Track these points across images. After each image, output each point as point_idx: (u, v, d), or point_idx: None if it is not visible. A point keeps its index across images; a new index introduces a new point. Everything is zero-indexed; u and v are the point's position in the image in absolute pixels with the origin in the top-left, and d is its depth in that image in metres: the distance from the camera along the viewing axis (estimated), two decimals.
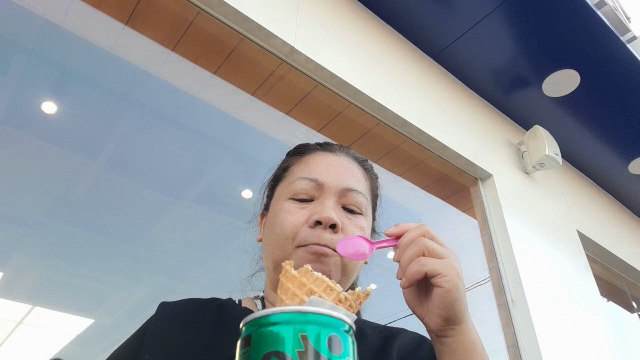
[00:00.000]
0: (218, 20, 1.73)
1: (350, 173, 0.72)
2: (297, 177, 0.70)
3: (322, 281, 0.46)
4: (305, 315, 0.32)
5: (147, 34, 1.77)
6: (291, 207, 0.67)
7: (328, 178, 0.69)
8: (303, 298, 0.45)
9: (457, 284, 0.53)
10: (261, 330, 0.32)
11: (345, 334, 0.32)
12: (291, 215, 0.66)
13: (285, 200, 0.69)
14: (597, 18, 2.33)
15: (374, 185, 0.79)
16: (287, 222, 0.66)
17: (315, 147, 0.77)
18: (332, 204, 0.67)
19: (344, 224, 0.66)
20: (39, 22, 1.68)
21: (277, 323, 0.32)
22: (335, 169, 0.71)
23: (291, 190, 0.69)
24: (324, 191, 0.68)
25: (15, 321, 1.83)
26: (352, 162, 0.75)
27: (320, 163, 0.72)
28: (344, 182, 0.69)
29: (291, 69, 1.91)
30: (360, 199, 0.70)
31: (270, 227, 0.69)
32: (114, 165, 1.98)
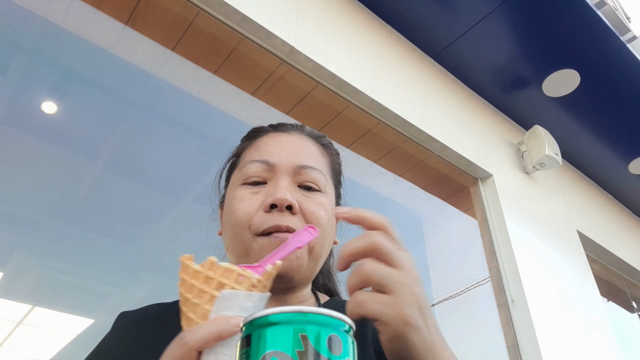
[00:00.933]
0: (218, 20, 1.73)
1: (304, 150, 0.68)
2: (247, 161, 0.67)
3: (231, 271, 0.42)
4: (305, 315, 0.32)
5: (147, 33, 1.77)
6: (243, 194, 0.63)
7: (279, 157, 0.65)
8: (213, 293, 0.41)
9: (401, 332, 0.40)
10: (261, 330, 0.32)
11: (345, 334, 0.32)
12: (244, 203, 0.62)
13: (237, 187, 0.65)
14: (597, 18, 2.33)
15: (334, 162, 0.75)
16: (240, 211, 0.62)
17: (267, 129, 0.74)
18: (286, 184, 0.63)
19: (301, 204, 0.62)
20: (39, 22, 1.68)
21: (277, 323, 0.32)
22: (287, 148, 0.67)
23: (242, 175, 0.66)
24: (276, 172, 0.64)
25: (15, 321, 1.83)
26: (307, 140, 0.71)
27: (271, 143, 0.68)
28: (296, 159, 0.65)
29: (291, 69, 1.91)
30: (317, 176, 0.66)
31: (227, 218, 0.65)
32: (114, 165, 1.98)
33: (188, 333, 0.39)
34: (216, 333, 0.38)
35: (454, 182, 2.54)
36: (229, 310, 0.40)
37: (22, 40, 1.69)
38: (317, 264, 0.65)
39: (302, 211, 0.62)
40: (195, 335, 0.38)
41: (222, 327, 0.38)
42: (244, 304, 0.41)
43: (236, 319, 0.39)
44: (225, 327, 0.38)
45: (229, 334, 0.39)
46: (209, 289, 0.41)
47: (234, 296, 0.41)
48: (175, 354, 0.38)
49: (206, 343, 0.38)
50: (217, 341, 0.38)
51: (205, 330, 0.38)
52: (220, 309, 0.40)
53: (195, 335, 0.38)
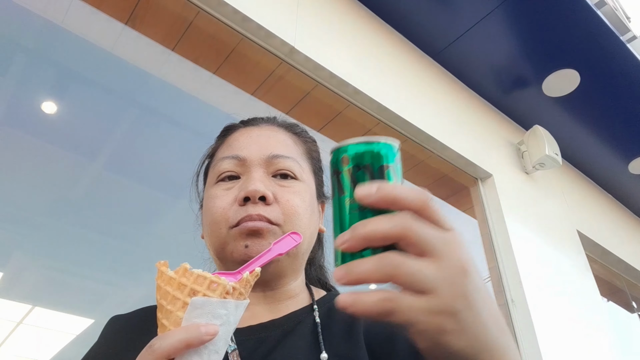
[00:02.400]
0: (218, 20, 1.73)
1: (275, 140, 0.68)
2: (220, 158, 0.67)
3: (204, 278, 0.41)
4: (370, 144, 0.37)
5: (147, 33, 1.77)
6: (217, 191, 0.64)
7: (250, 151, 0.65)
8: (185, 300, 0.40)
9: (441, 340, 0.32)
10: (365, 149, 0.37)
11: (396, 153, 0.38)
12: (218, 199, 0.62)
13: (212, 185, 0.66)
14: (597, 18, 2.33)
15: (311, 149, 0.74)
16: (215, 207, 0.62)
17: (238, 125, 0.74)
18: (259, 176, 0.62)
19: (276, 193, 0.62)
20: (39, 22, 1.68)
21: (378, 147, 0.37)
22: (257, 140, 0.67)
23: (215, 173, 0.66)
24: (247, 165, 0.64)
25: (15, 321, 1.83)
26: (278, 130, 0.71)
27: (241, 139, 0.68)
28: (267, 150, 0.65)
29: (291, 69, 1.91)
30: (290, 164, 0.65)
31: (205, 218, 0.66)
32: (114, 165, 1.98)
33: (157, 340, 0.38)
34: (185, 341, 0.37)
35: (453, 182, 2.53)
36: (200, 317, 0.40)
37: (22, 40, 1.69)
38: (298, 257, 0.64)
39: (278, 200, 0.61)
40: (164, 343, 0.38)
41: (192, 335, 0.38)
42: (217, 311, 0.40)
43: (207, 327, 0.38)
44: (195, 334, 0.38)
45: (199, 342, 0.38)
46: (182, 296, 0.41)
47: (205, 304, 0.40)
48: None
49: (175, 351, 0.37)
50: (186, 349, 0.38)
51: (174, 338, 0.38)
52: (191, 316, 0.40)
53: (163, 342, 0.38)
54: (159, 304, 0.42)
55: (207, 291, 0.41)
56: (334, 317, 0.61)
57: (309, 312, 0.62)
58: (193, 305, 0.40)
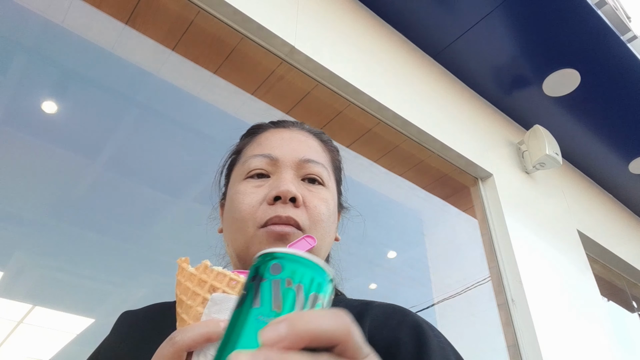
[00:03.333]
0: (218, 19, 1.73)
1: (306, 145, 0.68)
2: (250, 155, 0.66)
3: (224, 275, 0.42)
4: (298, 258, 0.32)
5: (148, 33, 1.77)
6: (246, 188, 0.63)
7: (282, 151, 0.65)
8: (205, 296, 0.42)
9: None
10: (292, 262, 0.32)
11: (330, 285, 0.33)
12: (247, 196, 0.62)
13: (240, 181, 0.65)
14: (598, 17, 2.33)
15: (335, 158, 0.75)
16: (243, 204, 0.61)
17: (268, 125, 0.73)
18: (290, 177, 0.62)
19: (305, 197, 0.62)
20: (39, 22, 1.68)
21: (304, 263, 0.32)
22: (290, 142, 0.67)
23: (245, 169, 0.65)
24: (279, 166, 0.64)
25: (15, 321, 1.83)
26: (308, 136, 0.71)
27: (273, 139, 0.68)
28: (299, 153, 0.65)
29: (291, 69, 1.91)
30: (320, 169, 0.66)
31: (229, 213, 0.65)
32: (114, 165, 1.98)
33: (178, 333, 0.39)
34: (205, 335, 0.38)
35: (454, 182, 2.53)
36: (219, 313, 0.41)
37: (22, 40, 1.69)
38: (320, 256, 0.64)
39: (305, 205, 0.61)
40: (185, 335, 0.39)
41: (212, 329, 0.39)
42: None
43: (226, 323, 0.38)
44: (214, 329, 0.39)
45: (218, 337, 0.38)
46: (202, 292, 0.42)
47: (225, 300, 0.41)
48: (165, 353, 0.38)
49: (195, 344, 0.38)
50: (206, 342, 0.39)
51: (195, 331, 0.39)
52: (211, 311, 0.41)
53: (184, 335, 0.39)
54: (178, 299, 0.43)
55: (226, 288, 0.42)
56: None
57: None
58: (213, 301, 0.41)
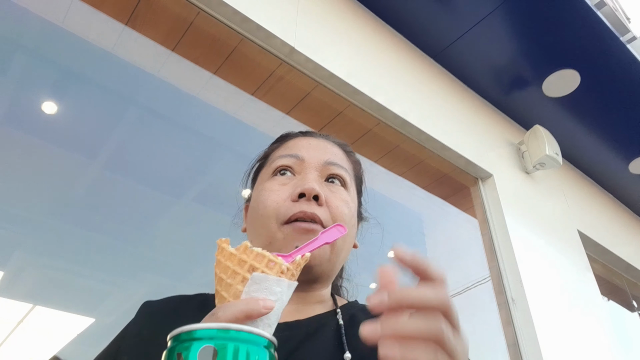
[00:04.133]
0: (218, 20, 1.73)
1: (331, 151, 0.72)
2: (278, 156, 0.70)
3: (262, 256, 0.45)
4: (227, 332, 0.33)
5: (147, 34, 1.77)
6: (272, 185, 0.66)
7: (308, 153, 0.69)
8: (245, 275, 0.44)
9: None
10: (185, 344, 0.33)
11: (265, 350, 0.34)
12: (273, 193, 0.65)
13: (267, 180, 0.68)
14: (597, 18, 2.33)
15: (357, 169, 0.78)
16: (269, 200, 0.64)
17: (296, 133, 0.78)
18: (314, 177, 0.66)
19: (327, 197, 0.64)
20: (39, 22, 1.68)
21: (201, 339, 0.33)
22: (316, 147, 0.71)
23: (272, 168, 0.69)
24: (304, 166, 0.67)
25: (15, 320, 1.84)
26: (333, 145, 0.75)
27: (300, 143, 0.72)
28: (324, 156, 0.69)
29: (291, 69, 1.91)
30: (343, 172, 0.69)
31: (253, 210, 0.67)
32: (114, 165, 1.98)
33: (220, 309, 0.41)
34: (246, 311, 0.41)
35: (454, 182, 2.54)
36: (258, 292, 0.43)
37: (22, 40, 1.69)
38: (338, 261, 0.67)
39: (328, 204, 0.64)
40: (227, 311, 0.41)
41: (252, 307, 0.41)
42: (273, 288, 0.44)
43: (265, 301, 0.42)
44: (254, 307, 0.41)
45: (257, 314, 0.41)
46: (242, 271, 0.44)
47: (264, 280, 0.43)
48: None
49: (236, 320, 0.40)
50: (246, 320, 0.41)
51: (236, 307, 0.41)
52: (251, 290, 0.43)
53: (226, 311, 0.41)
54: (218, 277, 0.46)
55: (265, 268, 0.44)
56: (356, 322, 0.63)
57: (333, 316, 0.64)
58: (253, 280, 0.43)
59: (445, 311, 0.38)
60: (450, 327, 0.38)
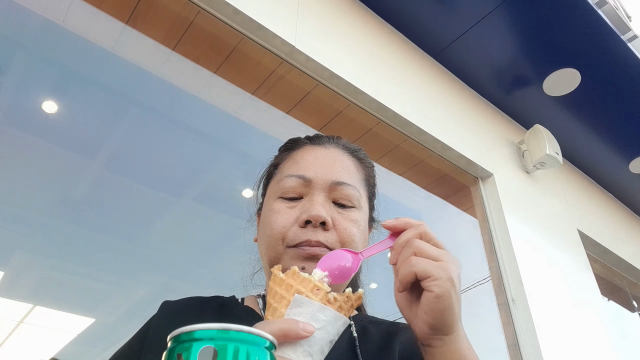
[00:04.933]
0: (218, 19, 1.73)
1: (340, 165, 0.70)
2: (285, 175, 0.69)
3: (309, 281, 0.46)
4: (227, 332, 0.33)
5: (148, 33, 1.77)
6: (280, 207, 0.66)
7: (316, 173, 0.67)
8: (290, 299, 0.45)
9: (448, 290, 0.49)
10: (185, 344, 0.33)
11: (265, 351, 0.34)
12: (280, 216, 0.65)
13: (275, 199, 0.68)
14: (598, 17, 2.32)
15: (369, 175, 0.77)
16: (276, 223, 0.65)
17: (305, 141, 0.76)
18: (321, 200, 0.65)
19: (335, 220, 0.64)
20: (40, 22, 1.68)
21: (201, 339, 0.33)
22: (323, 163, 0.69)
23: (280, 188, 0.68)
24: (312, 187, 0.66)
25: (16, 320, 1.84)
26: (343, 154, 0.73)
27: (308, 158, 0.71)
28: (332, 175, 0.68)
29: (291, 69, 1.90)
30: (351, 192, 0.68)
31: (262, 228, 0.69)
32: (114, 165, 1.98)
33: (260, 325, 0.42)
34: (284, 330, 0.41)
35: (454, 182, 2.53)
36: (300, 316, 0.43)
37: (22, 40, 1.69)
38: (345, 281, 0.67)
39: (336, 227, 0.64)
40: (266, 328, 0.41)
41: (290, 327, 0.41)
42: (317, 314, 0.44)
43: (305, 325, 0.42)
44: (292, 327, 0.41)
45: (295, 336, 0.41)
46: (288, 295, 0.45)
47: (307, 304, 0.44)
48: None
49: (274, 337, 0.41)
50: (283, 339, 0.41)
51: (275, 325, 0.41)
52: (292, 312, 0.44)
53: (266, 328, 0.41)
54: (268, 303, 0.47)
55: (309, 293, 0.45)
56: (368, 333, 0.65)
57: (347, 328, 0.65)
58: (295, 302, 0.44)
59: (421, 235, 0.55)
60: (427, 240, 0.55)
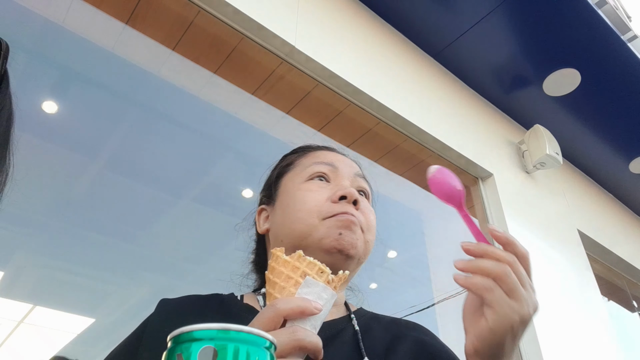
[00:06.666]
0: (218, 19, 1.73)
1: (356, 166, 0.78)
2: (311, 163, 0.74)
3: (314, 264, 0.49)
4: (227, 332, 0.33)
5: (148, 33, 1.77)
6: (311, 186, 0.70)
7: (341, 164, 0.74)
8: (298, 280, 0.48)
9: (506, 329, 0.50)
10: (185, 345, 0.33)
11: (265, 351, 0.34)
12: (313, 192, 0.69)
13: (301, 183, 0.72)
14: (598, 17, 2.32)
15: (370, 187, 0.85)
16: (309, 197, 0.68)
17: (319, 146, 0.82)
18: (349, 185, 0.71)
19: (360, 203, 0.69)
20: (40, 22, 1.68)
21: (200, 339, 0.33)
22: (343, 160, 0.77)
23: (307, 173, 0.72)
24: (338, 175, 0.72)
25: (16, 320, 1.84)
26: (352, 161, 0.80)
27: (329, 155, 0.77)
28: (353, 169, 0.75)
29: (291, 69, 1.90)
30: (367, 186, 0.76)
31: (286, 209, 0.71)
32: (114, 165, 1.98)
33: (280, 301, 0.45)
34: (302, 308, 0.45)
35: None
36: (309, 295, 0.48)
37: (22, 40, 1.69)
38: (360, 261, 0.71)
39: (361, 210, 0.69)
40: (287, 304, 0.45)
41: (307, 305, 0.45)
42: (321, 294, 0.48)
43: (316, 303, 0.47)
44: (309, 305, 0.46)
45: (309, 313, 0.46)
46: (295, 276, 0.49)
47: (314, 285, 0.48)
48: (266, 316, 0.44)
49: (293, 314, 0.45)
50: (300, 315, 0.45)
51: (294, 303, 0.45)
52: (303, 292, 0.48)
53: (286, 304, 0.45)
54: (271, 281, 0.51)
55: (315, 275, 0.49)
56: (369, 329, 0.68)
57: (348, 322, 0.68)
58: (306, 283, 0.48)
59: (514, 264, 0.53)
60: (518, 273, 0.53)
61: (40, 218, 1.87)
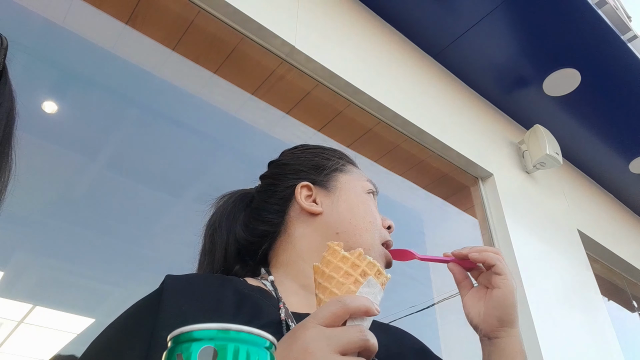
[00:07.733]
0: (218, 19, 1.73)
1: None
2: (365, 179, 0.82)
3: (373, 265, 0.50)
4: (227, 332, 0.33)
5: (148, 33, 1.77)
6: (372, 206, 0.78)
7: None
8: (357, 278, 0.48)
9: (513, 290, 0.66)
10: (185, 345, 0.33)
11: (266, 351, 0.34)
12: (375, 213, 0.77)
13: (364, 193, 0.79)
14: (598, 17, 2.32)
15: None
16: (376, 219, 0.76)
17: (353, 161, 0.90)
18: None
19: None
20: (39, 22, 1.68)
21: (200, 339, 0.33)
22: None
23: (365, 186, 0.80)
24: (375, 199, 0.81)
25: (16, 320, 1.83)
26: None
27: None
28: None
29: (291, 69, 1.91)
30: None
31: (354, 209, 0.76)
32: (114, 165, 1.98)
33: (348, 298, 0.46)
34: (367, 307, 0.46)
35: (454, 182, 2.53)
36: (369, 295, 0.48)
37: (22, 40, 1.69)
38: None
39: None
40: (355, 302, 0.45)
41: (370, 306, 0.46)
42: (377, 295, 0.49)
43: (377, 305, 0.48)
44: (372, 306, 0.46)
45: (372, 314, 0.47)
46: (355, 273, 0.49)
47: (374, 286, 0.49)
48: (334, 310, 0.44)
49: (358, 312, 0.45)
50: (363, 315, 0.46)
51: (361, 302, 0.46)
52: (364, 291, 0.49)
53: (354, 302, 0.45)
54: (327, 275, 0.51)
55: (373, 276, 0.49)
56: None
57: None
58: (368, 283, 0.49)
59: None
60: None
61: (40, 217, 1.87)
